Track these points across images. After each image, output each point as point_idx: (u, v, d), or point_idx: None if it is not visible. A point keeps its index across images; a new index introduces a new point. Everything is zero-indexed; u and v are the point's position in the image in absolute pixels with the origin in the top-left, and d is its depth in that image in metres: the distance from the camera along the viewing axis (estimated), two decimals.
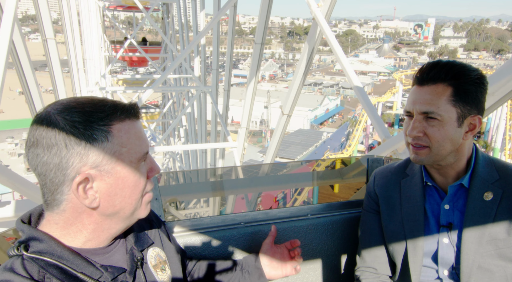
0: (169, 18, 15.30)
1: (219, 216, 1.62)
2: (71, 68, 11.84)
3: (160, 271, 1.02)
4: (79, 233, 0.85)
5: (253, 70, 6.60)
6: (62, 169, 0.78)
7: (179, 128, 14.66)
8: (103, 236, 0.88)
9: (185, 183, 2.93)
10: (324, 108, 55.97)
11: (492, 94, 2.09)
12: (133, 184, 0.86)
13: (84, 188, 0.81)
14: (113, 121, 0.82)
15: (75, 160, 0.78)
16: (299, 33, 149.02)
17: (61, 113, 0.79)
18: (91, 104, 0.82)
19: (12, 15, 3.66)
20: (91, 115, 0.80)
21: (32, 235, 0.82)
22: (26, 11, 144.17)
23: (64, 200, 0.82)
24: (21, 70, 4.94)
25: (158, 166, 0.94)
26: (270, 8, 5.75)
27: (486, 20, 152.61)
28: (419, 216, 1.31)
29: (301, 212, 1.66)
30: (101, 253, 0.89)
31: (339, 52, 3.97)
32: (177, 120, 9.67)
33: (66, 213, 0.83)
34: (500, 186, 1.22)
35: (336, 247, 1.66)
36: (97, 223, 0.86)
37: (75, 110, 0.80)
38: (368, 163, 1.75)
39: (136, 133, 0.86)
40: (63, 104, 0.81)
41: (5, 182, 2.62)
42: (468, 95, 1.17)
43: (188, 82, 14.11)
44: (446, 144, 1.19)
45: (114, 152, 0.82)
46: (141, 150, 0.87)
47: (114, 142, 0.82)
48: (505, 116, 30.20)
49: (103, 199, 0.83)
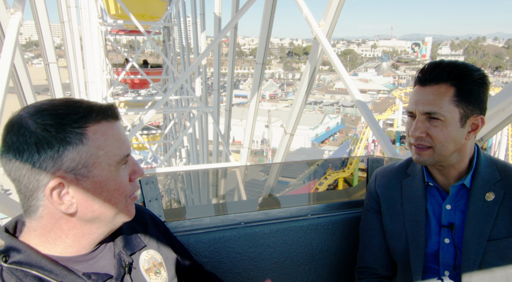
0: (170, 41, 15.54)
1: (219, 216, 1.60)
2: (73, 92, 11.92)
3: (153, 275, 0.97)
4: (59, 240, 0.82)
5: (254, 90, 6.62)
6: (35, 174, 0.75)
7: (180, 149, 14.64)
8: (84, 242, 0.85)
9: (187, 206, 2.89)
10: (325, 126, 56.14)
11: (503, 110, 2.03)
12: (112, 188, 0.82)
13: (59, 193, 0.77)
14: (88, 123, 0.79)
15: (48, 164, 0.75)
16: (298, 53, 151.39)
17: (32, 117, 0.75)
18: (65, 106, 0.79)
19: (14, 39, 3.69)
20: (64, 117, 0.77)
21: (10, 245, 0.80)
22: (30, 37, 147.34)
23: (40, 206, 0.78)
24: (22, 95, 4.94)
25: (141, 168, 0.90)
26: (270, 28, 5.81)
27: (482, 38, 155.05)
28: (421, 216, 1.30)
29: (301, 212, 1.67)
30: (84, 260, 0.85)
31: (341, 69, 3.96)
32: (179, 141, 9.65)
33: (44, 220, 0.80)
34: (502, 187, 1.21)
35: (336, 247, 1.66)
36: (77, 229, 0.82)
37: (48, 113, 0.76)
38: (368, 163, 1.73)
39: (114, 135, 0.82)
40: (36, 107, 0.78)
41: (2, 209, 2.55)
42: (471, 95, 1.16)
43: (190, 103, 14.19)
44: (449, 144, 1.18)
45: (90, 155, 0.78)
46: (120, 152, 0.83)
47: (89, 144, 0.78)
48: (506, 132, 30.20)
49: (81, 204, 0.80)
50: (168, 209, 2.51)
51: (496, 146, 33.26)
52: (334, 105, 71.85)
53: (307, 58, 5.00)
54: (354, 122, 61.17)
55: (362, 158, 5.29)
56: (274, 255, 1.59)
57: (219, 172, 9.06)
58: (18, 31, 3.87)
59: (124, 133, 0.87)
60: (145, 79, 13.60)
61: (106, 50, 15.04)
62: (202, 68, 11.88)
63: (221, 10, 11.24)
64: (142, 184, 1.45)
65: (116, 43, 15.24)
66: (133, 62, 11.76)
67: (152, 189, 1.47)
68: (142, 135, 16.41)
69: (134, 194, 0.89)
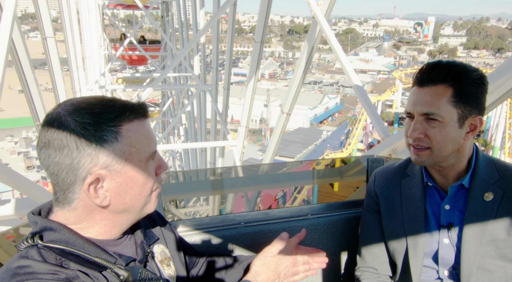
0: (169, 16, 15.25)
1: (219, 216, 1.62)
2: (71, 67, 11.82)
3: (166, 267, 1.04)
4: (91, 228, 0.88)
5: (253, 69, 6.60)
6: (74, 169, 0.80)
7: (178, 127, 14.64)
8: (114, 231, 0.91)
9: (185, 181, 2.94)
10: (323, 106, 55.94)
11: (492, 92, 2.08)
12: (142, 182, 0.88)
13: (95, 187, 0.83)
14: (122, 122, 0.84)
15: (86, 160, 0.80)
16: (299, 32, 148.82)
17: (71, 115, 0.80)
18: (101, 105, 0.83)
19: (12, 13, 3.66)
20: (101, 116, 0.81)
21: (46, 225, 0.84)
22: (25, 9, 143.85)
23: (76, 198, 0.84)
24: (21, 69, 4.93)
25: (165, 163, 0.96)
26: (270, 6, 5.74)
27: (486, 18, 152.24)
28: (420, 216, 1.31)
29: (301, 212, 1.66)
30: (112, 245, 0.91)
31: (338, 51, 3.96)
32: (177, 118, 9.67)
33: (78, 211, 0.85)
34: (500, 186, 1.22)
35: (336, 247, 1.66)
36: (109, 219, 0.88)
37: (85, 111, 0.81)
38: (368, 163, 1.75)
39: (145, 133, 0.88)
40: (73, 105, 0.82)
41: (5, 180, 2.62)
42: (469, 96, 1.16)
43: (188, 80, 14.09)
44: (447, 145, 1.18)
45: (124, 152, 0.84)
46: (149, 149, 0.89)
47: (123, 142, 0.83)
48: (504, 115, 30.21)
49: (114, 197, 0.85)
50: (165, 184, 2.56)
51: (494, 128, 33.35)
52: (333, 85, 71.31)
53: None
54: (353, 103, 60.92)
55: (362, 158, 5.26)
56: None
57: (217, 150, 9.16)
58: (16, 4, 3.83)
59: (152, 131, 0.92)
60: (143, 56, 13.44)
61: (104, 25, 14.78)
62: (200, 46, 11.73)
63: None
64: None
65: (113, 17, 14.97)
66: (131, 38, 11.61)
67: None
68: None
69: (158, 187, 0.95)
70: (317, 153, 34.40)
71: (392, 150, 3.60)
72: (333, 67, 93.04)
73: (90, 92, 10.79)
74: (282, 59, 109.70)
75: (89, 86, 11.33)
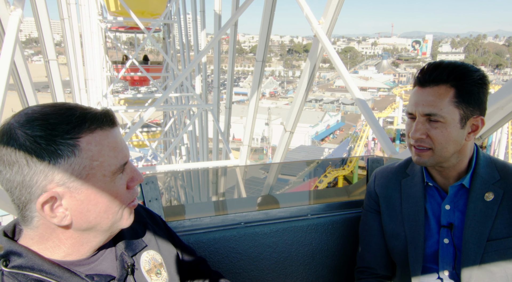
0: (170, 38, 15.51)
1: (219, 216, 1.61)
2: (73, 89, 11.91)
3: (154, 276, 0.96)
4: (57, 248, 0.80)
5: (254, 88, 6.62)
6: (27, 187, 0.72)
7: (180, 147, 14.64)
8: (83, 250, 0.83)
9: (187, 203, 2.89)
10: (325, 124, 56.12)
11: (502, 108, 2.03)
12: (108, 199, 0.79)
13: (51, 206, 0.74)
14: (81, 134, 0.74)
15: (39, 177, 0.72)
16: (299, 51, 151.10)
17: (22, 127, 0.72)
18: (57, 114, 0.74)
19: (14, 37, 3.69)
20: (54, 128, 0.72)
21: (11, 249, 0.77)
22: (29, 34, 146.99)
23: (35, 217, 0.76)
24: (23, 92, 4.94)
25: (139, 174, 0.86)
26: (271, 26, 5.80)
27: (483, 35, 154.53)
28: (420, 216, 1.31)
29: (301, 212, 1.67)
30: (85, 264, 0.83)
31: (341, 67, 3.96)
32: (179, 138, 9.65)
33: (40, 229, 0.78)
34: (501, 186, 1.21)
35: (336, 247, 1.67)
36: (74, 238, 0.80)
37: (37, 123, 0.72)
38: (368, 163, 1.74)
39: (110, 144, 0.78)
40: (27, 115, 0.74)
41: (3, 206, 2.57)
42: (471, 96, 1.16)
43: (190, 100, 14.18)
44: (449, 145, 1.18)
45: (84, 166, 0.75)
46: (116, 162, 0.79)
47: (82, 156, 0.74)
48: (506, 131, 30.19)
49: (75, 216, 0.77)
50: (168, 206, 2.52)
51: (496, 143, 33.26)
52: (334, 103, 71.83)
53: (307, 55, 5.00)
54: (354, 120, 61.13)
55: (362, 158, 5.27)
56: (274, 255, 1.59)
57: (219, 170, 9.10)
58: (18, 28, 3.87)
59: (122, 140, 0.82)
60: (145, 76, 13.59)
61: (106, 47, 15.02)
62: (202, 66, 11.85)
63: (221, 8, 11.22)
64: (142, 184, 1.45)
65: (116, 40, 15.21)
66: (133, 59, 11.75)
67: (152, 189, 1.48)
68: (142, 132, 16.41)
69: (133, 202, 0.87)
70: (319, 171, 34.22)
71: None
72: (333, 85, 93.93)
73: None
74: (282, 78, 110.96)
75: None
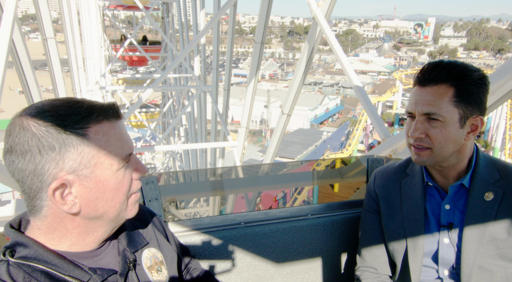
0: (169, 17, 15.27)
1: (219, 216, 1.62)
2: (71, 68, 11.82)
3: (155, 272, 0.99)
4: (64, 238, 0.84)
5: (253, 70, 6.60)
6: (38, 175, 0.77)
7: (179, 128, 14.65)
8: (88, 239, 0.87)
9: (185, 182, 2.93)
10: (324, 107, 55.94)
11: (492, 93, 2.08)
12: (115, 187, 0.84)
13: (61, 193, 0.79)
14: (89, 124, 0.79)
15: (51, 165, 0.76)
16: (299, 33, 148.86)
17: (33, 118, 0.77)
18: (66, 107, 0.80)
19: (12, 14, 3.66)
20: (65, 118, 0.77)
21: (17, 240, 0.81)
22: (26, 10, 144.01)
23: (44, 206, 0.80)
24: (21, 70, 4.94)
25: (143, 166, 0.91)
26: (270, 7, 5.74)
27: (486, 19, 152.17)
28: (420, 216, 1.31)
29: (301, 212, 1.66)
30: (89, 256, 0.87)
31: (339, 51, 3.97)
32: (177, 119, 9.68)
33: (48, 219, 0.81)
34: (500, 186, 1.22)
35: (336, 247, 1.66)
36: (81, 227, 0.84)
37: (49, 114, 0.77)
38: (368, 163, 1.74)
39: (116, 134, 0.83)
40: (37, 108, 0.79)
41: (5, 181, 2.61)
42: (471, 96, 1.16)
43: (188, 81, 14.09)
44: (448, 145, 1.18)
45: (92, 155, 0.80)
46: (122, 152, 0.84)
47: (91, 145, 0.79)
48: (505, 116, 30.18)
49: (84, 203, 0.81)
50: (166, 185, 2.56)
51: (494, 129, 33.32)
52: (334, 86, 71.33)
53: None
54: (353, 104, 60.92)
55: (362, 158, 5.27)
56: (274, 255, 1.59)
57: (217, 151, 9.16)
58: (16, 5, 3.83)
59: (126, 132, 0.88)
60: (143, 57, 13.47)
61: (104, 26, 14.81)
62: (201, 46, 11.74)
63: None
64: (142, 184, 1.45)
65: (114, 18, 14.99)
66: (131, 39, 11.62)
67: (152, 189, 1.49)
68: (140, 113, 16.38)
69: (137, 193, 0.91)
70: (318, 154, 34.37)
71: (393, 151, 3.60)
72: (333, 68, 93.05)
73: (91, 93, 10.80)
74: (282, 60, 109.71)
75: (89, 87, 11.34)
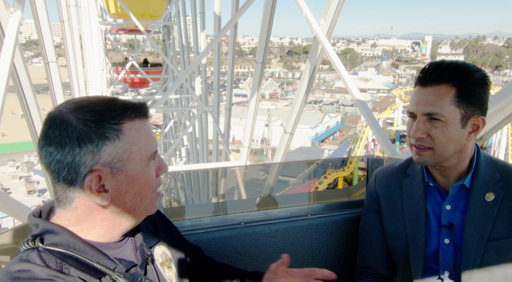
0: (170, 40, 15.53)
1: (219, 216, 1.61)
2: (73, 91, 11.90)
3: (167, 269, 1.03)
4: (92, 229, 0.87)
5: (254, 89, 6.62)
6: (75, 166, 0.79)
7: (180, 148, 14.63)
8: (114, 232, 0.90)
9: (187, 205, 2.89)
10: (324, 125, 56.12)
11: (502, 109, 2.03)
12: (143, 182, 0.87)
13: (96, 185, 0.82)
14: (124, 120, 0.83)
15: (88, 158, 0.79)
16: (298, 52, 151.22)
17: (73, 112, 0.80)
18: (103, 103, 0.83)
19: (14, 38, 3.68)
20: (103, 114, 0.81)
21: (47, 228, 0.83)
22: (29, 36, 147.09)
23: (76, 197, 0.83)
24: (22, 94, 4.94)
25: (166, 164, 0.95)
26: (270, 27, 5.80)
27: (482, 37, 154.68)
28: (421, 216, 1.31)
29: (301, 212, 1.67)
30: (113, 248, 0.90)
31: (341, 68, 3.96)
32: (179, 140, 9.66)
33: (78, 210, 0.84)
34: (501, 187, 1.21)
35: (336, 247, 1.66)
36: (109, 220, 0.88)
37: (87, 109, 0.81)
38: (368, 163, 1.73)
39: (146, 132, 0.87)
40: (75, 103, 0.82)
41: (2, 208, 2.55)
42: (472, 95, 1.16)
43: (189, 102, 14.19)
44: (449, 145, 1.18)
45: (125, 150, 0.83)
46: (150, 149, 0.88)
47: (125, 140, 0.83)
48: (506, 131, 30.20)
49: (115, 196, 0.85)
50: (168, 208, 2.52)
51: (496, 145, 33.26)
52: (334, 104, 71.85)
53: (307, 57, 5.00)
54: (354, 121, 61.13)
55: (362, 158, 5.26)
56: (274, 255, 1.59)
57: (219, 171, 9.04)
58: (18, 30, 3.86)
59: (152, 131, 0.91)
60: (145, 78, 13.59)
61: (106, 49, 15.02)
62: (202, 67, 11.86)
63: (221, 9, 11.22)
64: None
65: (116, 42, 15.23)
66: (132, 61, 11.75)
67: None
68: None
69: (158, 189, 0.94)
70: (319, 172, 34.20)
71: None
72: (333, 86, 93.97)
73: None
74: (282, 80, 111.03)
75: None
